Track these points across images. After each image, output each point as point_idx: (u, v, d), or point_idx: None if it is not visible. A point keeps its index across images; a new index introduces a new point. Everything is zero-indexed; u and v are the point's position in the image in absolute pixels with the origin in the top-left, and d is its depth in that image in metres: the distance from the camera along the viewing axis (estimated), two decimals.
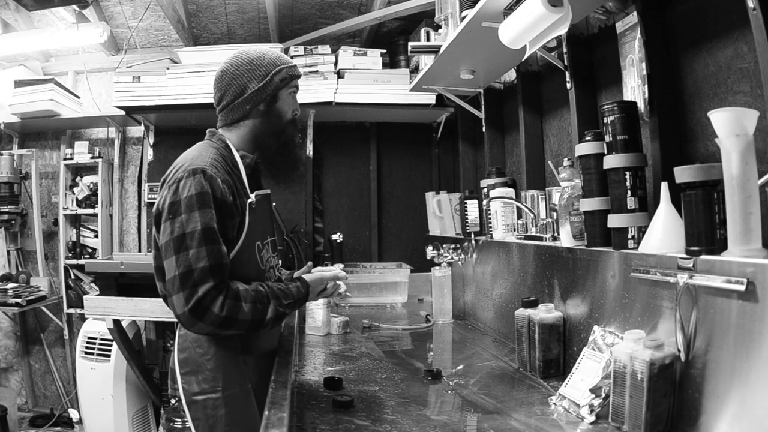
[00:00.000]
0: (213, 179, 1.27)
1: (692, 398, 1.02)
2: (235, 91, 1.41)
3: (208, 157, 1.33)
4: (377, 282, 2.75)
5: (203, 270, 1.20)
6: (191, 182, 1.25)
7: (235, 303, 1.23)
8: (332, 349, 1.87)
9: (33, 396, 3.64)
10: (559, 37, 1.81)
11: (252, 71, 1.41)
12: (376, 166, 3.52)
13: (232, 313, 1.22)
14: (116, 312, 2.69)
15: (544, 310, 1.51)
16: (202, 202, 1.24)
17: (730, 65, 1.29)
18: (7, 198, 3.34)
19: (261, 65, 1.42)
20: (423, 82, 2.48)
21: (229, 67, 1.43)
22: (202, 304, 1.20)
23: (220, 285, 1.22)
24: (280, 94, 1.44)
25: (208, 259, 1.21)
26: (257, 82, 1.40)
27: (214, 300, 1.20)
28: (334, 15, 3.48)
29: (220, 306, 1.20)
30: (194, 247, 1.21)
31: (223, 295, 1.22)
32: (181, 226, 1.23)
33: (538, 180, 2.21)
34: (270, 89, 1.42)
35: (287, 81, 1.44)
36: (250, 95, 1.41)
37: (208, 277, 1.20)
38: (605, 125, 1.32)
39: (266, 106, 1.43)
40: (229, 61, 1.44)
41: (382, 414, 1.23)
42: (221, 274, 1.23)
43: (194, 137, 1.57)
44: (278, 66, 1.43)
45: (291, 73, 1.45)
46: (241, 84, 1.41)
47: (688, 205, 1.05)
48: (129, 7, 3.29)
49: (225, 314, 1.21)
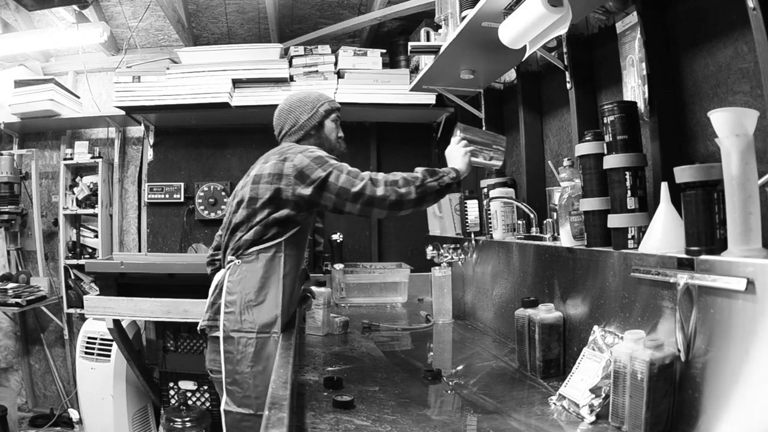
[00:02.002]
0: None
1: (692, 398, 1.02)
2: (291, 122, 1.83)
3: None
4: (377, 282, 2.75)
5: (355, 170, 1.64)
6: (314, 148, 1.70)
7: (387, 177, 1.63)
8: (332, 349, 1.87)
9: (33, 396, 3.64)
10: (559, 37, 1.81)
11: (302, 106, 1.85)
12: (376, 166, 3.52)
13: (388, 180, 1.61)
14: (116, 312, 2.69)
15: (544, 310, 1.51)
16: (329, 156, 1.70)
17: (730, 65, 1.29)
18: (7, 198, 3.34)
19: (309, 101, 1.85)
20: (423, 82, 2.48)
21: (285, 105, 1.87)
22: (374, 176, 1.62)
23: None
24: (326, 123, 1.86)
25: (348, 167, 1.66)
26: (307, 113, 1.84)
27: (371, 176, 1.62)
28: (334, 15, 3.48)
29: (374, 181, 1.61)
30: (343, 166, 1.65)
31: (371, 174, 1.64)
32: (330, 165, 1.64)
33: (538, 180, 2.21)
34: (318, 118, 1.84)
35: (330, 112, 1.87)
36: (303, 123, 1.83)
37: (355, 172, 1.63)
38: (605, 125, 1.32)
39: (316, 132, 1.85)
40: (286, 100, 1.89)
41: (382, 414, 1.23)
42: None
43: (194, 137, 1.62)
44: (322, 101, 1.86)
45: (332, 105, 1.89)
46: (295, 116, 1.84)
47: (688, 205, 1.05)
48: (129, 7, 3.29)
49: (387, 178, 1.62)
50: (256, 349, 1.59)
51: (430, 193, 1.63)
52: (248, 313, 1.62)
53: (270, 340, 1.60)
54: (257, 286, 1.63)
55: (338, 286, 2.70)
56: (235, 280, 1.65)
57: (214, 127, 3.51)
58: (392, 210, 1.61)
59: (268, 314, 1.62)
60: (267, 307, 1.62)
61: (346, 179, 1.60)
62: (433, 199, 1.66)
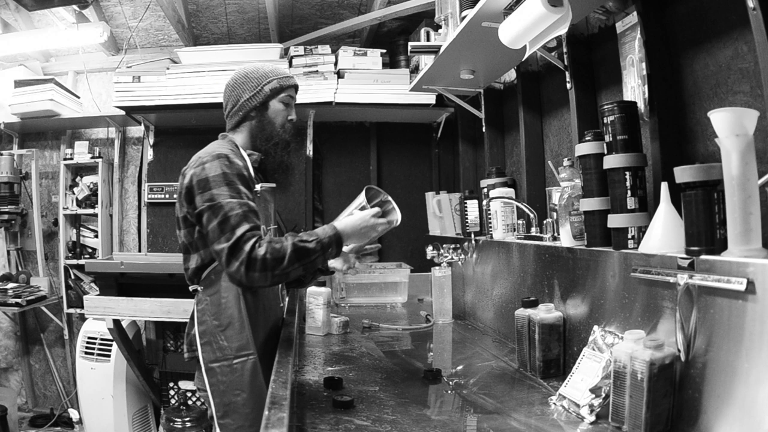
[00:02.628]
0: (235, 161, 1.46)
1: (692, 398, 1.02)
2: (233, 101, 1.62)
3: (227, 148, 1.52)
4: (377, 282, 2.75)
5: (237, 216, 1.36)
6: (217, 163, 1.42)
7: (261, 242, 1.35)
8: (332, 349, 1.87)
9: (33, 396, 3.64)
10: (559, 37, 1.81)
11: (246, 83, 1.61)
12: (376, 166, 3.52)
13: (260, 251, 1.33)
14: (116, 312, 2.70)
15: (544, 310, 1.51)
16: (227, 179, 1.41)
17: (730, 65, 1.29)
18: (7, 198, 3.34)
19: (254, 77, 1.61)
20: (423, 82, 2.48)
21: (231, 80, 1.64)
22: (239, 243, 1.33)
23: (253, 230, 1.36)
24: (271, 103, 1.61)
25: (241, 208, 1.37)
26: (249, 92, 1.60)
27: (248, 240, 1.34)
28: (334, 15, 3.48)
29: (250, 245, 1.33)
30: (226, 204, 1.37)
31: (255, 237, 1.35)
32: (211, 197, 1.39)
33: (538, 180, 2.21)
34: (260, 98, 1.60)
35: (278, 91, 1.61)
36: (243, 103, 1.60)
37: (243, 222, 1.36)
38: (605, 125, 1.32)
39: (258, 113, 1.61)
40: (233, 75, 1.65)
41: (382, 414, 1.23)
42: (253, 222, 1.38)
43: (194, 137, 1.63)
44: (270, 78, 1.61)
45: (282, 83, 1.62)
46: (237, 94, 1.61)
47: (688, 205, 1.05)
48: (129, 7, 3.30)
49: (254, 253, 1.33)
50: (237, 375, 1.46)
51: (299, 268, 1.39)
52: (221, 340, 1.48)
53: (248, 363, 1.46)
54: (219, 310, 1.49)
55: (338, 286, 2.70)
56: (201, 308, 1.51)
57: (214, 127, 3.49)
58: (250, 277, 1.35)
59: (239, 337, 1.47)
60: (235, 329, 1.48)
61: (234, 219, 1.36)
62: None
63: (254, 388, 1.44)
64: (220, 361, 1.47)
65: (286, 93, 1.63)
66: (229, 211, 1.36)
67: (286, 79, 1.63)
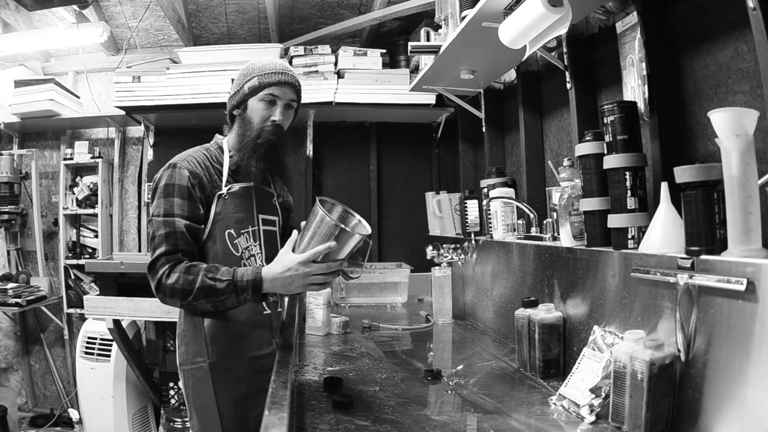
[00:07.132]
0: (181, 171, 1.46)
1: (692, 398, 1.02)
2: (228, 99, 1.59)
3: (189, 154, 1.53)
4: (377, 282, 2.75)
5: (160, 236, 1.40)
6: (166, 173, 1.47)
7: (176, 269, 1.38)
8: (332, 349, 1.87)
9: (33, 396, 3.64)
10: (559, 37, 1.81)
11: (235, 81, 1.55)
12: (376, 166, 3.52)
13: (170, 278, 1.37)
14: (116, 312, 2.70)
15: (544, 310, 1.51)
16: (166, 191, 1.44)
17: (730, 65, 1.28)
18: (7, 198, 3.34)
19: (241, 75, 1.54)
20: (423, 82, 2.48)
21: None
22: (154, 265, 1.40)
23: (170, 253, 1.39)
24: (249, 103, 1.52)
25: (165, 228, 1.40)
26: (233, 90, 1.54)
27: (163, 265, 1.38)
28: (334, 15, 3.48)
29: (163, 270, 1.37)
30: (155, 221, 1.43)
31: (170, 263, 1.38)
32: (153, 208, 1.46)
33: (538, 180, 2.21)
34: (238, 97, 1.53)
35: (256, 89, 1.50)
36: (228, 102, 1.57)
37: (162, 244, 1.39)
38: (605, 125, 1.32)
39: (240, 113, 1.54)
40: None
41: (382, 414, 1.23)
42: (173, 244, 1.40)
43: (194, 137, 1.62)
44: (252, 75, 1.51)
45: (263, 81, 1.49)
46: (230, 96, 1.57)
47: (688, 205, 1.05)
48: (129, 7, 3.30)
49: (164, 279, 1.37)
50: (191, 382, 1.48)
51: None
52: (184, 344, 1.50)
53: (200, 372, 1.45)
54: (182, 315, 1.52)
55: (338, 286, 2.70)
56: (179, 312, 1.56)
57: (214, 127, 3.49)
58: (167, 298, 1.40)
59: (195, 341, 1.47)
60: (192, 334, 1.48)
61: (157, 239, 1.40)
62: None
63: (204, 396, 1.45)
64: (185, 364, 1.50)
65: (267, 91, 1.49)
66: (156, 230, 1.41)
67: (270, 75, 1.49)
